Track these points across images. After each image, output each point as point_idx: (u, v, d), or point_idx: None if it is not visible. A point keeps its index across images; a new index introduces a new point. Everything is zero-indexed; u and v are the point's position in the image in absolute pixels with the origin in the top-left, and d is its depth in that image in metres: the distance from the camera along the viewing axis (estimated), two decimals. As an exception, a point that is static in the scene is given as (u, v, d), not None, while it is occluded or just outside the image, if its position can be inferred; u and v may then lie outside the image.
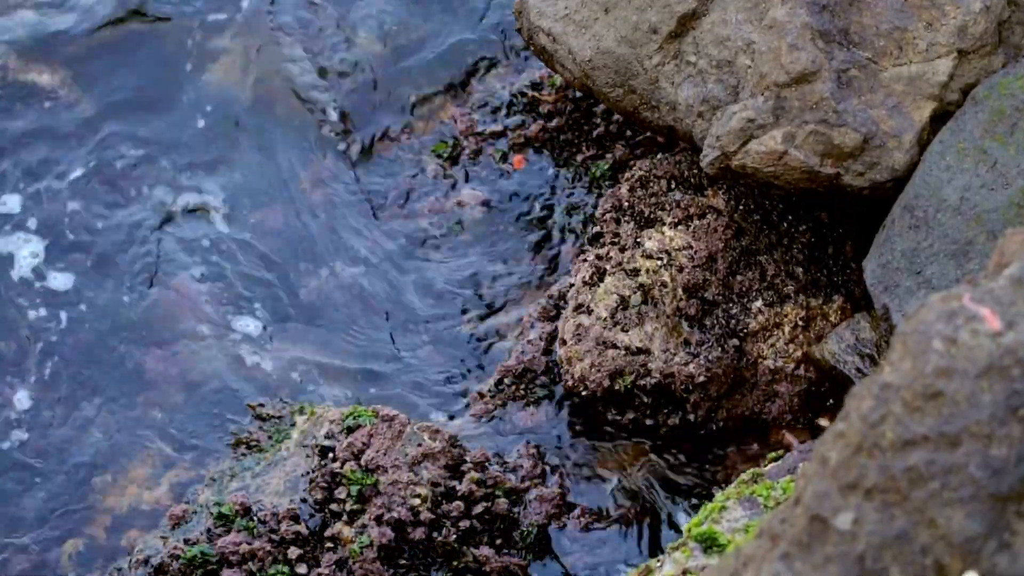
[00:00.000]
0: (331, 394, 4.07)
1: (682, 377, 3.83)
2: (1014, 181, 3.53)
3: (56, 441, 3.97)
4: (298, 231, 4.37)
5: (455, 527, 3.69)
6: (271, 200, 4.43)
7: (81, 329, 4.17)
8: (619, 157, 4.32)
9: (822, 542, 1.89)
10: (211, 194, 4.42)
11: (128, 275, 4.27)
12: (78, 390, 4.06)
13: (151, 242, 4.32)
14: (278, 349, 4.16)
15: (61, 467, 3.93)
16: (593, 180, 4.33)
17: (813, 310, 3.95)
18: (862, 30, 3.72)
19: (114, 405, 4.03)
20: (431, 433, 3.81)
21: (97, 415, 4.01)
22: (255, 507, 3.72)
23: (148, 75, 4.65)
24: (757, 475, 3.23)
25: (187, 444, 3.97)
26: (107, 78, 4.64)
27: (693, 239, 3.95)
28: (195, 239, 4.34)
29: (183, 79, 4.65)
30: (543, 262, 4.27)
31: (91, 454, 3.95)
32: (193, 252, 4.30)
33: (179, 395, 4.06)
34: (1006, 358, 1.85)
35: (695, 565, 2.91)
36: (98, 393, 4.06)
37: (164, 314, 4.20)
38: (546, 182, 4.39)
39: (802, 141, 3.68)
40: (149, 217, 4.38)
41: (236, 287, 4.25)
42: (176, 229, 4.36)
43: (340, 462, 3.76)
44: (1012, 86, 3.62)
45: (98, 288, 4.24)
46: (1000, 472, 1.81)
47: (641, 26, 3.89)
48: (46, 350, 4.12)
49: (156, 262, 4.28)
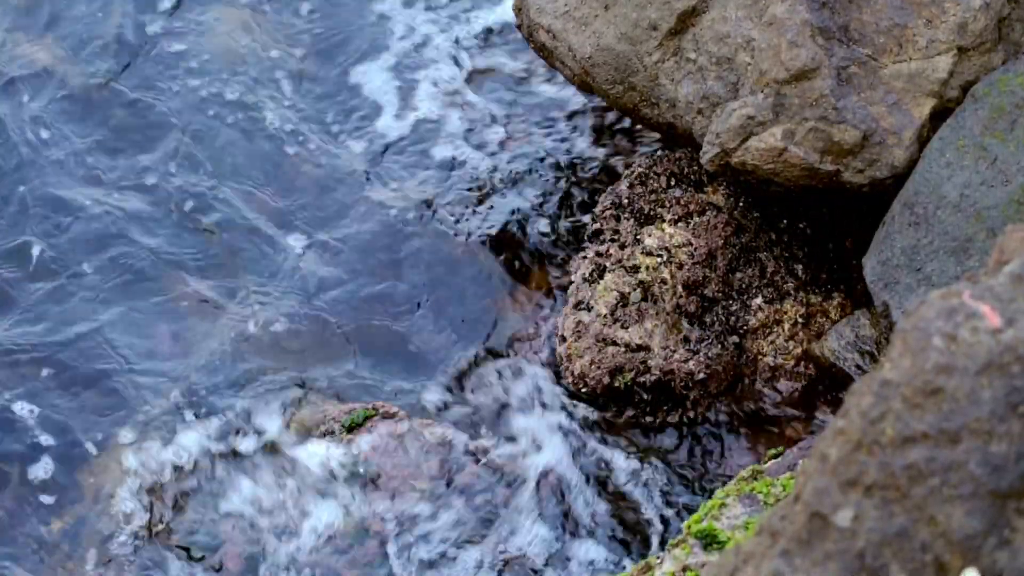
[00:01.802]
0: (329, 384, 4.07)
1: (682, 374, 3.83)
2: (1014, 178, 3.52)
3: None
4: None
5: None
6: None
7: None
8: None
9: (822, 539, 1.89)
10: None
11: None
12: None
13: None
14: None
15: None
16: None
17: (813, 307, 3.95)
18: (862, 27, 3.72)
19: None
20: (431, 428, 3.81)
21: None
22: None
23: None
24: (757, 472, 3.23)
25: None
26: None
27: (693, 236, 3.95)
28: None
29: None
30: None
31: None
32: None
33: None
34: (1006, 355, 1.85)
35: (695, 562, 2.91)
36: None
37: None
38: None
39: (802, 138, 3.68)
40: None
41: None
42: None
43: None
44: (1012, 83, 3.62)
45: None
46: (1000, 469, 1.81)
47: (641, 23, 3.88)
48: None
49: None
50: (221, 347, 4.11)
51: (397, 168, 4.49)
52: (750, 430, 3.89)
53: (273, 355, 4.12)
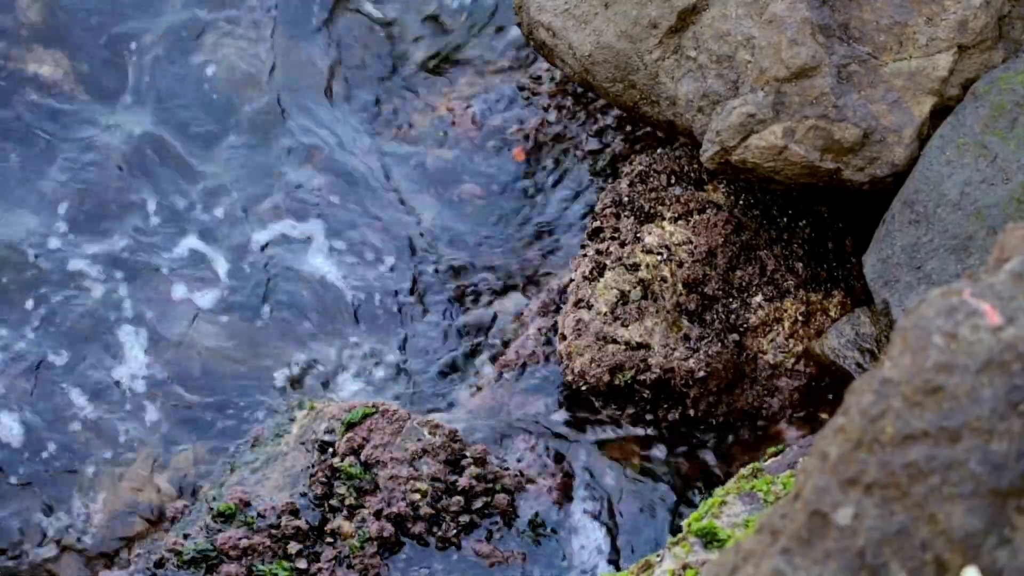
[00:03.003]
0: (331, 386, 4.07)
1: (682, 372, 3.83)
2: (1014, 176, 3.52)
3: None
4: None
5: (455, 522, 3.69)
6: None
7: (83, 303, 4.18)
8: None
9: (822, 537, 1.89)
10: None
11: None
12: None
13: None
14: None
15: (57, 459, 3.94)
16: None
17: (813, 305, 3.94)
18: (862, 25, 3.72)
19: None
20: (431, 428, 3.81)
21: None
22: (255, 502, 3.72)
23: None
24: (757, 470, 3.23)
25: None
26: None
27: (693, 234, 3.95)
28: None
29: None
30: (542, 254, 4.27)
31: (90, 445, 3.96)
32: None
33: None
34: (1006, 353, 1.85)
35: (695, 560, 2.91)
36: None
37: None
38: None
39: (802, 136, 3.68)
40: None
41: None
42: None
43: (340, 456, 3.76)
44: (1012, 81, 3.62)
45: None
46: (1000, 467, 1.80)
47: (641, 21, 3.88)
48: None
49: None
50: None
51: (399, 175, 4.49)
52: (750, 428, 3.89)
53: (269, 348, 4.12)
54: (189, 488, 3.87)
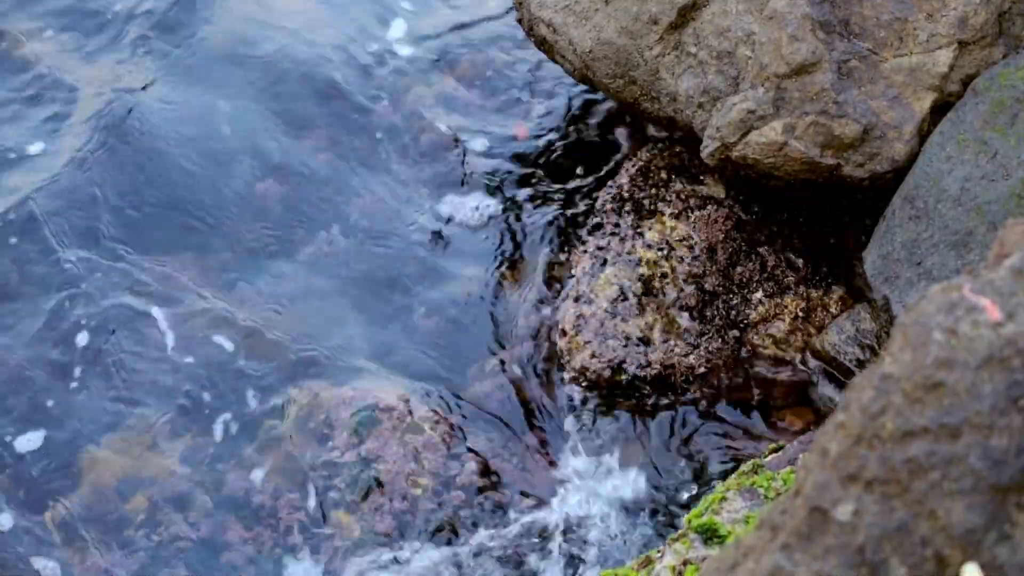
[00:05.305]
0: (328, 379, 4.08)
1: (682, 367, 3.83)
2: (1014, 172, 3.52)
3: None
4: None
5: (456, 515, 3.70)
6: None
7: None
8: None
9: (822, 533, 1.89)
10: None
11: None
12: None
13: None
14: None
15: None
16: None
17: (813, 301, 3.95)
18: (862, 21, 3.72)
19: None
20: (431, 422, 3.81)
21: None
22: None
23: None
24: (757, 466, 3.23)
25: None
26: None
27: (693, 230, 3.95)
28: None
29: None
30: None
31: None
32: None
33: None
34: (1007, 349, 1.85)
35: (695, 556, 2.91)
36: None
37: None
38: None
39: (802, 132, 3.68)
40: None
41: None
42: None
43: (340, 451, 3.76)
44: (1012, 77, 3.62)
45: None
46: (1001, 463, 1.81)
47: (641, 17, 3.88)
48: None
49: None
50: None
51: (395, 155, 4.49)
52: (750, 424, 3.90)
53: (271, 350, 4.13)
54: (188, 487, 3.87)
